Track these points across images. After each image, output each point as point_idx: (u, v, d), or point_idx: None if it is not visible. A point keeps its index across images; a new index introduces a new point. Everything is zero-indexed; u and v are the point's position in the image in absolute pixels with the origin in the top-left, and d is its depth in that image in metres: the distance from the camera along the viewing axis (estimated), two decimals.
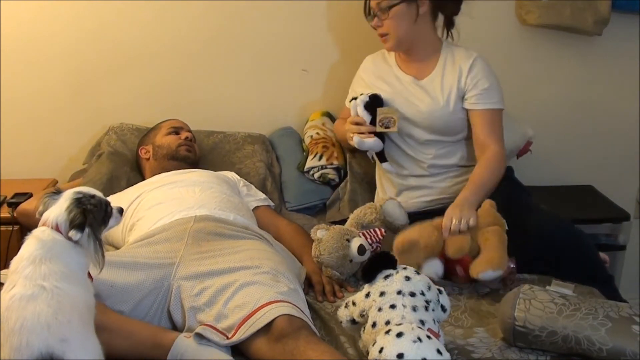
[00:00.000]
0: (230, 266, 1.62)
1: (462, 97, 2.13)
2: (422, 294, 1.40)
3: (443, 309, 1.45)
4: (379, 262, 1.45)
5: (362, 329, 1.43)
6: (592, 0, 2.60)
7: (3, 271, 1.52)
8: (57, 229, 1.32)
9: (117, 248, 1.95)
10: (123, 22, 2.54)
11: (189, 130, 2.37)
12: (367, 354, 1.35)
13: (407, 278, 1.41)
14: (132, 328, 1.50)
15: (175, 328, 1.60)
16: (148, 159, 2.29)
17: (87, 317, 1.27)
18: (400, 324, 1.32)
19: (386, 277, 1.42)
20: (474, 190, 1.97)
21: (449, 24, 2.23)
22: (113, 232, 2.00)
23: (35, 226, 2.10)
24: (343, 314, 1.50)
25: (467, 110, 2.14)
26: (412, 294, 1.39)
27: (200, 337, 1.46)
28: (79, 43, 2.54)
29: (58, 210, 1.33)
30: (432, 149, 2.16)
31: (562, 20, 2.63)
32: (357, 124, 2.11)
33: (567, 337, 1.40)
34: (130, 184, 2.22)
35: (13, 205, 2.23)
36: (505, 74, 2.75)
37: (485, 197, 1.97)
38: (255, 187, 2.30)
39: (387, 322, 1.35)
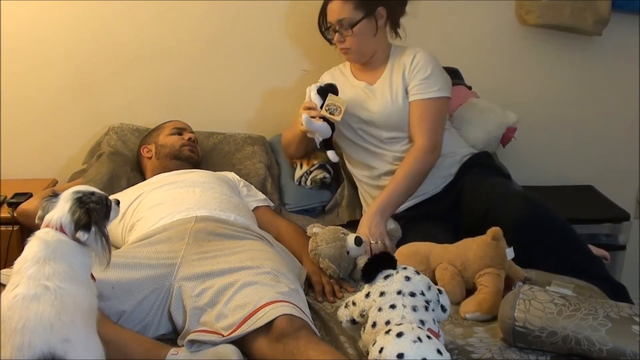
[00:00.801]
0: (231, 266, 1.62)
1: (407, 92, 2.18)
2: (422, 294, 1.40)
3: (443, 309, 1.45)
4: (379, 262, 1.45)
5: (362, 329, 1.43)
6: (592, 0, 2.60)
7: (3, 271, 1.52)
8: (61, 229, 1.31)
9: (116, 248, 1.95)
10: (123, 22, 2.55)
11: (192, 132, 2.38)
12: (367, 354, 1.35)
13: (407, 278, 1.41)
14: (127, 341, 1.48)
15: (176, 329, 1.60)
16: (150, 158, 2.30)
17: (90, 318, 1.27)
18: (400, 324, 1.32)
19: (386, 277, 1.42)
20: (389, 198, 2.04)
21: (395, 26, 2.27)
22: (113, 232, 2.00)
23: (36, 226, 2.11)
24: (343, 314, 1.49)
25: None
26: (412, 294, 1.38)
27: (192, 344, 1.46)
28: (79, 43, 2.54)
29: (60, 211, 1.33)
30: (397, 145, 2.20)
31: (562, 20, 2.63)
32: (309, 109, 2.12)
33: (567, 338, 1.40)
34: (130, 183, 2.22)
35: (13, 205, 2.23)
36: (505, 74, 2.77)
37: (406, 197, 2.08)
38: (255, 187, 2.30)
39: (387, 322, 1.35)
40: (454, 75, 2.52)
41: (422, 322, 1.34)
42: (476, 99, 2.44)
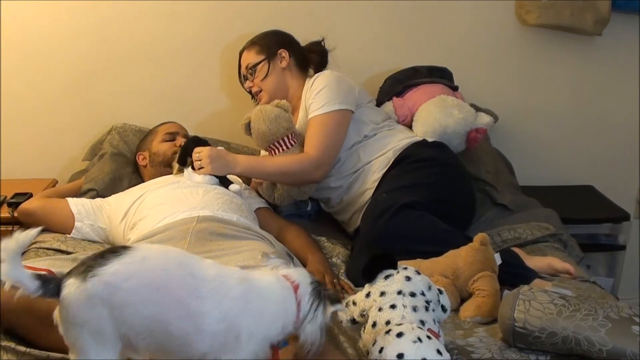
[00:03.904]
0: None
1: None
2: (423, 294, 1.40)
3: (443, 309, 1.45)
4: (379, 262, 1.45)
5: (362, 328, 1.43)
6: (592, 0, 2.60)
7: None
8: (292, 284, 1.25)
9: None
10: (123, 22, 2.54)
11: (185, 134, 2.35)
12: (367, 353, 1.35)
13: (408, 278, 1.41)
14: None
15: None
16: (145, 166, 2.30)
17: None
18: (400, 324, 1.32)
19: (386, 277, 1.42)
20: (255, 164, 2.13)
21: (303, 65, 2.37)
22: (114, 230, 2.01)
23: (36, 225, 2.11)
24: (343, 313, 1.50)
25: None
26: (413, 294, 1.39)
27: None
28: (79, 43, 2.54)
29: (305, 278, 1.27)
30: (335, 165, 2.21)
31: (562, 20, 2.63)
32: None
33: (567, 338, 1.40)
34: (132, 185, 2.23)
35: (13, 205, 2.23)
36: (505, 74, 2.77)
37: (264, 177, 2.16)
38: None
39: (388, 322, 1.35)
40: (441, 74, 2.51)
41: (422, 322, 1.35)
42: (446, 96, 2.38)
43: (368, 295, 1.43)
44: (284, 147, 2.16)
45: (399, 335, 1.28)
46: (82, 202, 2.08)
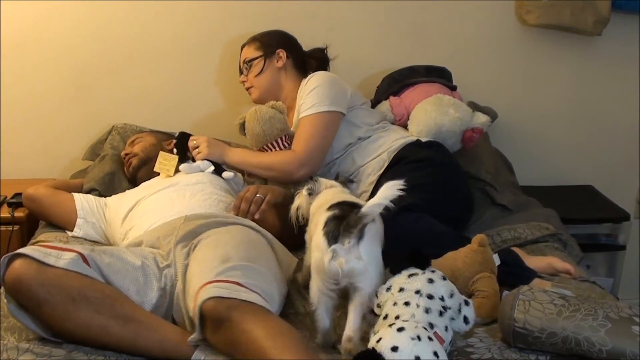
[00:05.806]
0: (196, 256, 1.62)
1: None
2: (442, 299, 1.40)
3: (466, 320, 1.44)
4: (413, 259, 1.46)
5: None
6: (592, 0, 2.60)
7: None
8: None
9: None
10: (122, 22, 2.54)
11: (134, 139, 2.33)
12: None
13: (430, 280, 1.41)
14: (160, 323, 1.50)
15: None
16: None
17: None
18: (407, 321, 1.33)
19: (410, 275, 1.43)
20: (239, 156, 2.21)
21: (301, 67, 2.39)
22: (115, 233, 2.02)
23: (40, 212, 2.10)
24: None
25: None
26: (430, 297, 1.38)
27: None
28: (79, 43, 2.54)
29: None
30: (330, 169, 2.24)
31: (562, 20, 2.63)
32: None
33: (567, 339, 1.40)
34: (132, 185, 2.24)
35: (13, 205, 2.23)
36: (505, 74, 2.77)
37: (246, 168, 2.23)
38: None
39: (397, 317, 1.36)
40: (439, 73, 2.51)
41: (431, 325, 1.34)
42: (442, 95, 2.37)
43: (389, 288, 1.43)
44: (277, 149, 2.18)
45: (400, 329, 1.29)
46: (87, 199, 2.09)
